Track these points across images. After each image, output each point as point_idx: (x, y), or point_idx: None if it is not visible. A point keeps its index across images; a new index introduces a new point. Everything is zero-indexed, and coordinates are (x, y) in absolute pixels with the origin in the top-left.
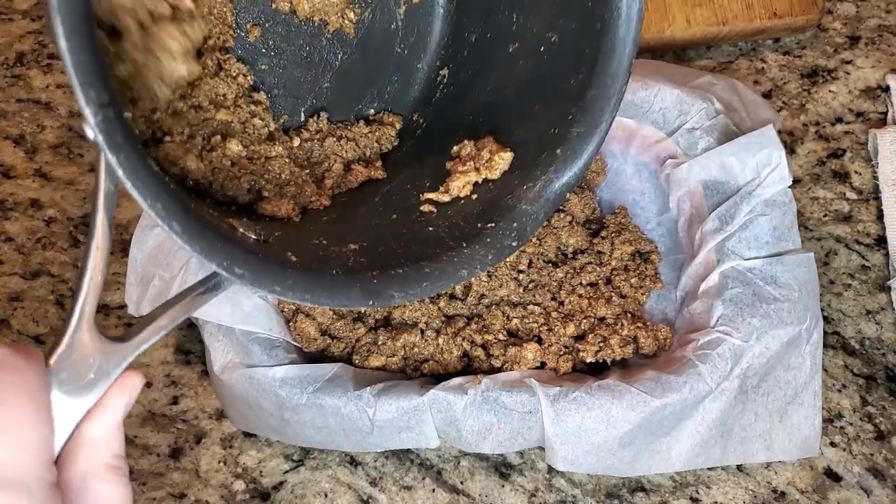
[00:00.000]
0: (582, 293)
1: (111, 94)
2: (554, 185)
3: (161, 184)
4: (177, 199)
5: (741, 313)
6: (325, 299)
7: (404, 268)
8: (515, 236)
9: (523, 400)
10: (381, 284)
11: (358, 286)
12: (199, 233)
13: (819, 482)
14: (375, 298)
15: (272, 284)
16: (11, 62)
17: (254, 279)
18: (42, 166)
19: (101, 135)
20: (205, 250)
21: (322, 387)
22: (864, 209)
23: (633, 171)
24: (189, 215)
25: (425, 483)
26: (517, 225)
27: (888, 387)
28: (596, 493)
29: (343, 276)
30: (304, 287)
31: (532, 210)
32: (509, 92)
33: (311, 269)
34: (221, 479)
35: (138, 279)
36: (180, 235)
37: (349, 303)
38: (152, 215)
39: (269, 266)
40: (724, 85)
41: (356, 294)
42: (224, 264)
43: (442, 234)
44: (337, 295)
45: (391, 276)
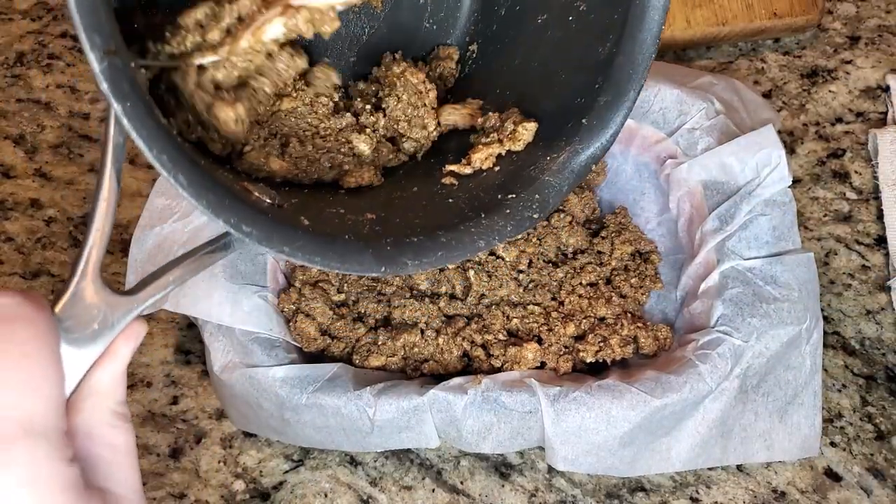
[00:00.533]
0: (582, 293)
1: (118, 41)
2: (580, 157)
3: (168, 136)
4: (184, 152)
5: (741, 313)
6: (335, 263)
7: (419, 236)
8: (537, 208)
9: (523, 400)
10: (394, 251)
11: (370, 251)
12: (206, 187)
13: (819, 482)
14: (388, 265)
15: (281, 245)
16: (11, 62)
17: (262, 237)
18: (42, 166)
19: (105, 82)
20: (212, 205)
21: (322, 387)
22: (864, 209)
23: (633, 171)
24: (196, 169)
25: (425, 483)
26: (539, 196)
27: (888, 387)
28: (596, 493)
29: (355, 241)
30: (314, 249)
31: (555, 181)
32: (536, 63)
33: (323, 233)
34: (221, 479)
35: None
36: (186, 188)
37: (360, 268)
38: (157, 166)
39: (278, 226)
40: (724, 85)
41: (368, 259)
42: (231, 221)
43: (462, 206)
44: (348, 259)
45: (405, 245)
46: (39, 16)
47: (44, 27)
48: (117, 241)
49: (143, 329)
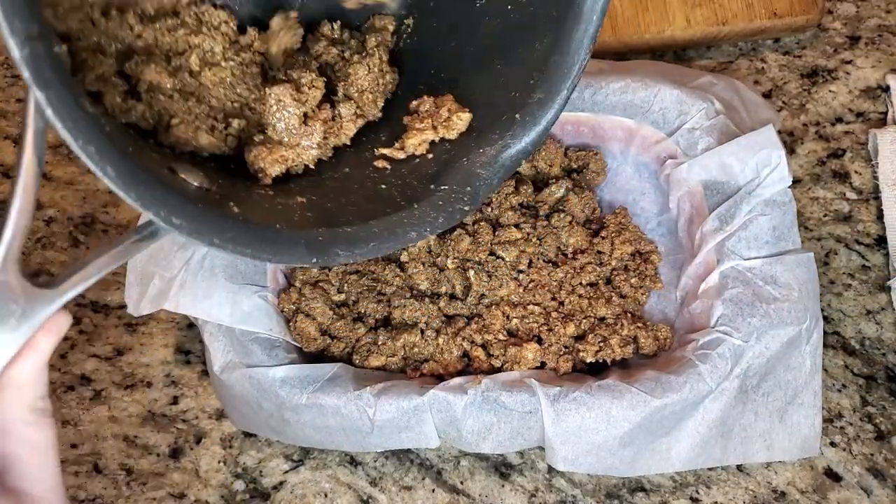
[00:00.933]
0: (582, 293)
1: (40, 26)
2: (510, 151)
3: (95, 125)
4: (112, 142)
5: (741, 313)
6: (266, 255)
7: (352, 226)
8: (468, 200)
9: (523, 400)
10: (326, 241)
11: (303, 242)
12: (135, 179)
13: (819, 482)
14: (320, 256)
15: (211, 236)
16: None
17: (192, 230)
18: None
19: (27, 70)
20: (141, 197)
21: (322, 387)
22: (864, 209)
23: (633, 171)
24: (125, 160)
25: (425, 483)
26: (470, 189)
27: (888, 387)
28: (596, 493)
29: (287, 232)
30: (245, 241)
31: (486, 174)
32: (474, 49)
33: (254, 223)
34: (221, 479)
35: (138, 279)
36: (114, 181)
37: (292, 259)
38: (84, 158)
39: (208, 217)
40: (724, 85)
41: (300, 251)
42: (161, 214)
43: (394, 193)
44: (280, 251)
45: (338, 234)
46: None
47: None
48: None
49: (66, 322)
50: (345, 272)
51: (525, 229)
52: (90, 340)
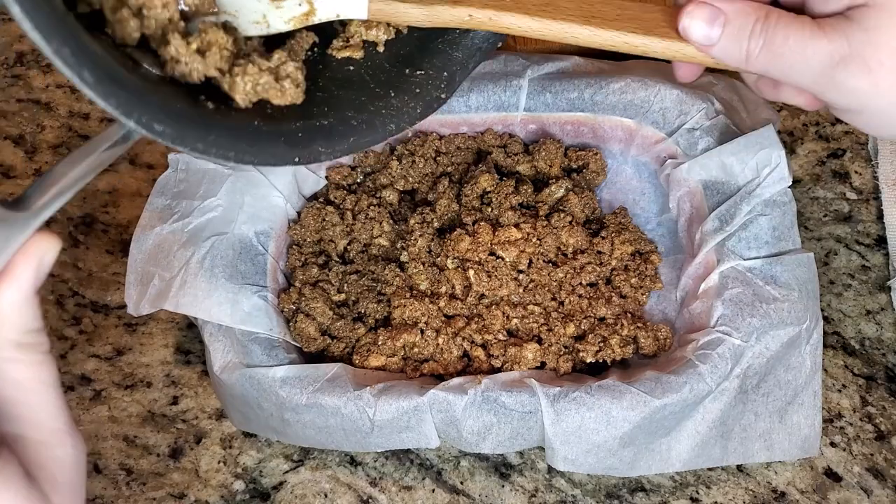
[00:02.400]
0: (582, 293)
1: None
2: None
3: (68, 26)
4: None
5: (741, 313)
6: (248, 156)
7: (329, 118)
8: (445, 87)
9: (523, 400)
10: (305, 138)
11: (282, 140)
12: (113, 84)
13: (819, 482)
14: (301, 154)
15: (194, 142)
16: (11, 62)
17: (175, 136)
18: (42, 166)
19: None
20: (122, 105)
21: (322, 387)
22: (864, 209)
23: (633, 171)
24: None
25: (425, 483)
26: (447, 74)
27: (888, 387)
28: (596, 493)
29: (266, 128)
30: (227, 143)
31: (461, 56)
32: None
33: (233, 121)
34: (221, 479)
35: (138, 279)
36: (93, 87)
37: (274, 160)
38: (58, 63)
39: (190, 122)
40: (724, 85)
41: (281, 149)
42: (142, 120)
43: (366, 78)
44: (262, 151)
45: (316, 129)
46: None
47: None
48: (117, 242)
49: (48, 243)
50: (345, 272)
51: (525, 229)
52: (90, 340)
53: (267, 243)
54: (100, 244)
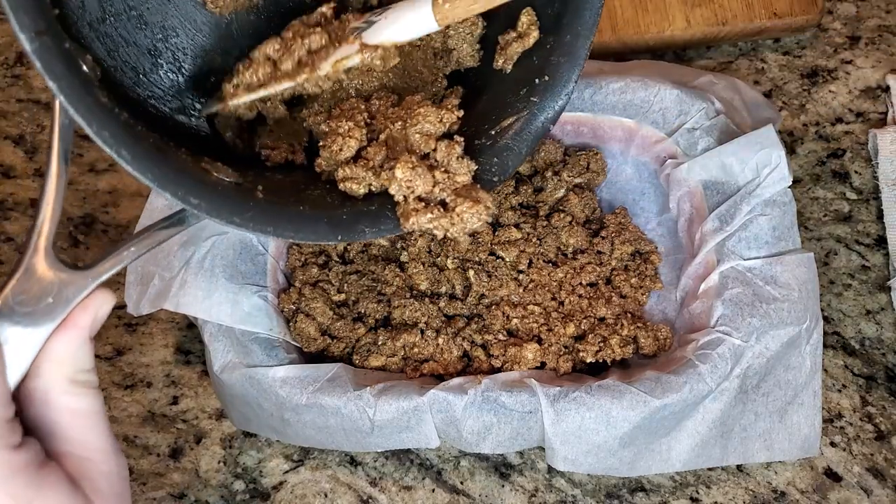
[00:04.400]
0: (582, 293)
1: (48, 22)
2: (537, 120)
3: (109, 113)
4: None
5: (741, 313)
6: (289, 232)
7: (375, 205)
8: (496, 171)
9: (523, 400)
10: (350, 220)
11: (325, 220)
12: (150, 161)
13: (819, 482)
14: (344, 233)
15: (231, 216)
16: (11, 62)
17: (210, 209)
18: (42, 166)
19: (38, 62)
20: (157, 178)
21: (322, 387)
22: (864, 209)
23: (633, 171)
24: (140, 144)
25: (425, 483)
26: (498, 160)
27: (888, 387)
28: (596, 493)
29: (310, 211)
30: (266, 219)
31: (514, 145)
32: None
33: (275, 203)
34: (221, 479)
35: (138, 279)
36: (130, 163)
37: (315, 237)
38: (99, 142)
39: (228, 198)
40: (724, 84)
41: (323, 228)
42: (178, 193)
43: None
44: (303, 228)
45: (362, 213)
46: None
47: None
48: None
49: (104, 299)
50: (345, 272)
51: (525, 229)
52: None
53: (267, 243)
54: (100, 244)
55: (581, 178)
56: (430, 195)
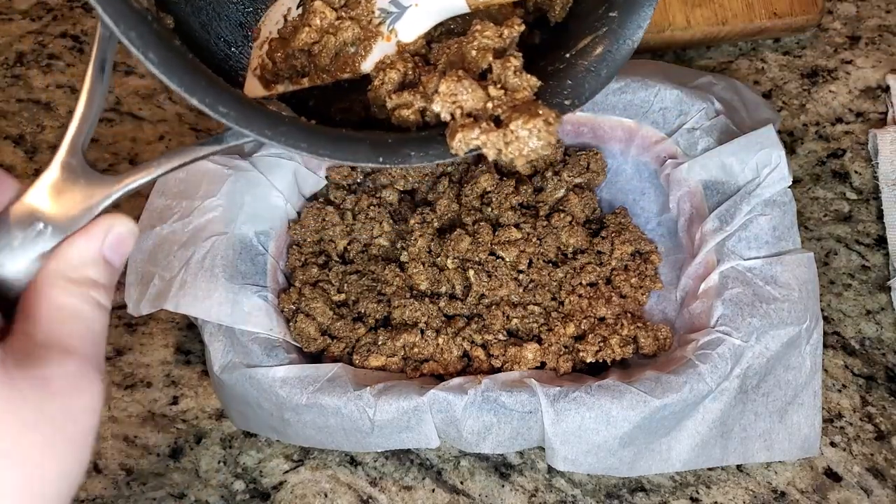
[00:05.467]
0: (582, 293)
1: None
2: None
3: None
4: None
5: (741, 313)
6: (324, 150)
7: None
8: (570, 93)
9: (523, 400)
10: (396, 143)
11: (367, 142)
12: (179, 66)
13: (819, 482)
14: (387, 155)
15: (262, 128)
16: (11, 62)
17: (240, 119)
18: (42, 166)
19: None
20: (185, 84)
21: (322, 387)
22: (864, 209)
23: (633, 171)
24: (170, 47)
25: (425, 483)
26: (572, 83)
27: (888, 387)
28: (596, 493)
29: (350, 131)
30: (300, 135)
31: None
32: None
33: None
34: (221, 479)
35: (138, 279)
36: (157, 66)
37: (354, 157)
38: (127, 44)
39: (259, 110)
40: (724, 85)
41: (364, 149)
42: (206, 101)
43: None
44: (340, 148)
45: (411, 138)
46: (39, 16)
47: (44, 27)
48: None
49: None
50: (345, 272)
51: (525, 229)
52: None
53: (267, 243)
54: None
55: (581, 178)
56: (482, 112)
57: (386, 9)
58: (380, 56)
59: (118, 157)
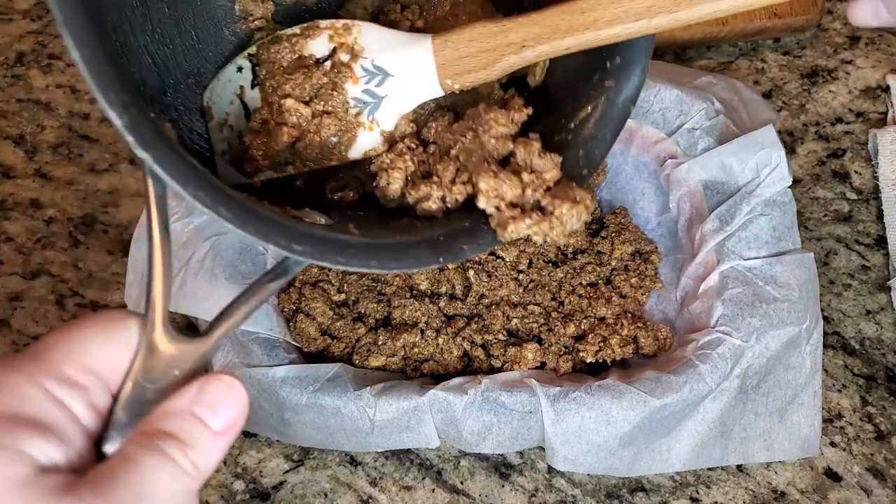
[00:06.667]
0: (582, 293)
1: (132, 95)
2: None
3: (202, 173)
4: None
5: (741, 313)
6: (391, 263)
7: (468, 220)
8: (584, 163)
9: (523, 400)
10: (448, 240)
11: (424, 244)
12: (249, 215)
13: (819, 482)
14: (445, 254)
15: (335, 256)
16: (11, 62)
17: (315, 253)
18: (42, 166)
19: (130, 135)
20: (259, 231)
21: (322, 387)
22: (864, 209)
23: (633, 171)
24: (235, 199)
25: (425, 483)
26: (584, 152)
27: (888, 387)
28: (596, 493)
29: (405, 239)
30: (367, 254)
31: (597, 133)
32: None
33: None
34: (221, 479)
35: (138, 279)
36: (230, 220)
37: (419, 262)
38: (197, 205)
39: (328, 239)
40: (724, 85)
41: (423, 252)
42: (281, 243)
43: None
44: (404, 255)
45: (458, 231)
46: (39, 16)
47: (44, 27)
48: (117, 242)
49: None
50: (345, 272)
51: None
52: None
53: None
54: (100, 244)
55: None
56: (522, 199)
57: (361, 98)
58: (368, 145)
59: (118, 157)
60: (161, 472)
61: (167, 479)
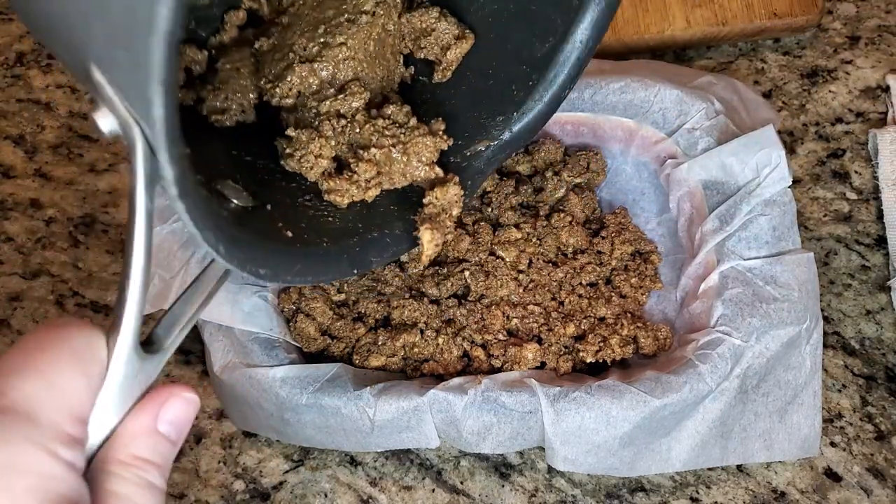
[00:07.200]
0: (582, 293)
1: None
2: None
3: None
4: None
5: (741, 313)
6: (324, 278)
7: (377, 232)
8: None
9: (523, 400)
10: (361, 251)
11: (345, 257)
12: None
13: (819, 482)
14: (359, 267)
15: (286, 275)
16: (11, 62)
17: (273, 276)
18: (42, 166)
19: (175, 187)
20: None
21: (322, 387)
22: (864, 209)
23: (633, 171)
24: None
25: (425, 483)
26: (471, 183)
27: (888, 387)
28: (596, 493)
29: (332, 248)
30: (307, 270)
31: (485, 168)
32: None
33: (306, 243)
34: (221, 479)
35: None
36: (224, 257)
37: (338, 275)
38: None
39: (282, 260)
40: (724, 85)
41: (345, 267)
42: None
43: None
44: (330, 270)
45: (368, 241)
46: None
47: None
48: (117, 242)
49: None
50: None
51: (525, 229)
52: None
53: None
54: (100, 244)
55: (581, 177)
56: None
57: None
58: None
59: (118, 156)
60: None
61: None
